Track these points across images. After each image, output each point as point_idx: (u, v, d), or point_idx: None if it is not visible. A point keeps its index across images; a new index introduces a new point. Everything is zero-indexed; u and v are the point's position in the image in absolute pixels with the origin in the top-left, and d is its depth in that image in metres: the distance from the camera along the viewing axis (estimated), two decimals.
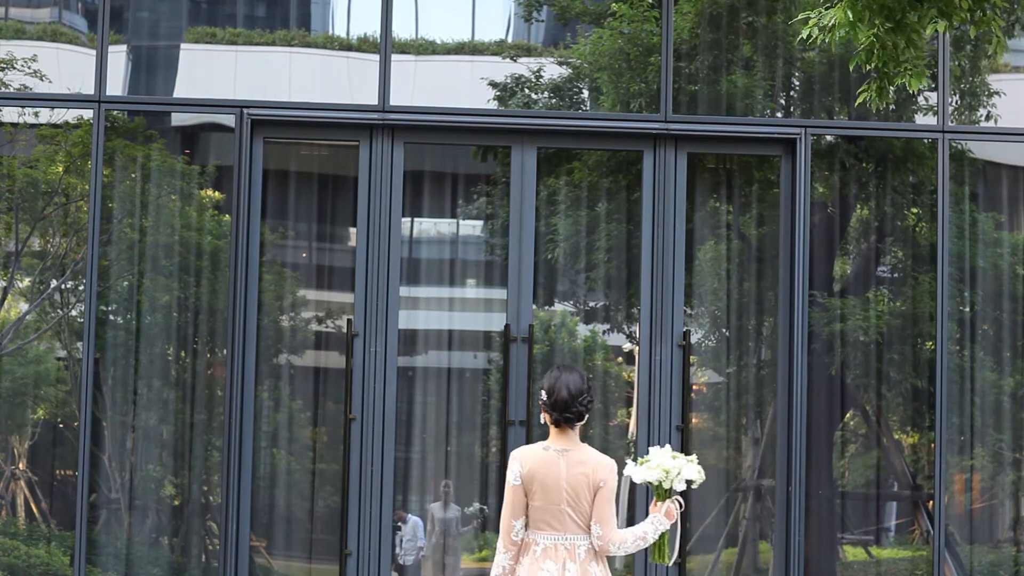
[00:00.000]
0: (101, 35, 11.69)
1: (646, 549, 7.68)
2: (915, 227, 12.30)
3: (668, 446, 7.67)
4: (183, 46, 12.10)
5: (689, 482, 7.50)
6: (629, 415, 12.11)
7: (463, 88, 12.19)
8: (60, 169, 11.79)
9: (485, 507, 12.08)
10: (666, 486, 7.51)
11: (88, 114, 11.63)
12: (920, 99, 12.25)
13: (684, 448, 11.79)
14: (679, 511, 7.57)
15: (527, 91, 12.16)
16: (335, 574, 11.63)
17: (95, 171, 11.55)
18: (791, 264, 11.90)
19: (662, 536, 7.53)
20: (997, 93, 12.33)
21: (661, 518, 7.49)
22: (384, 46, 11.87)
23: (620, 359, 12.27)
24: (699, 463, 7.56)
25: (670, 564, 7.67)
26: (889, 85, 8.71)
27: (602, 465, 7.40)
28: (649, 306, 11.91)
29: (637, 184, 12.09)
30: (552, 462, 7.42)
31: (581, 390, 7.48)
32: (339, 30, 12.24)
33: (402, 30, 12.00)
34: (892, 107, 12.16)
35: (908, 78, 8.58)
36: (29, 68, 11.75)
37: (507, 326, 11.83)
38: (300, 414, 11.95)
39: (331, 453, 11.87)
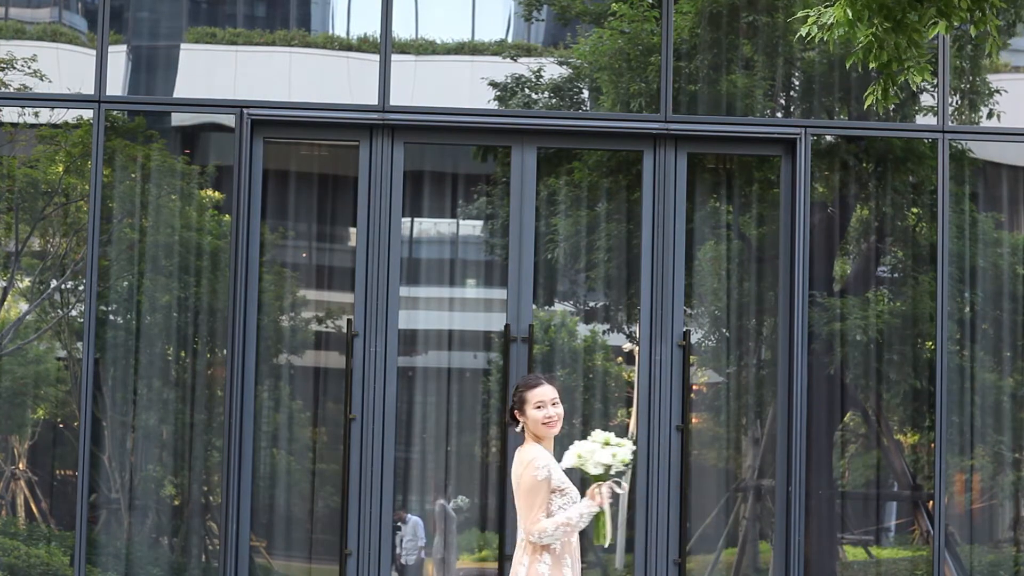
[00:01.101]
0: (101, 35, 11.69)
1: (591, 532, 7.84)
2: (915, 227, 12.30)
3: (598, 431, 7.80)
4: (183, 46, 12.10)
5: (607, 466, 7.63)
6: (629, 415, 12.11)
7: (463, 88, 12.20)
8: (60, 169, 11.79)
9: (467, 499, 12.04)
10: (590, 471, 7.66)
11: (88, 114, 11.64)
12: (921, 99, 12.25)
13: (684, 448, 11.80)
14: (611, 496, 7.68)
15: (527, 91, 12.16)
16: (335, 574, 11.63)
17: (95, 171, 11.56)
18: (791, 264, 11.90)
19: (598, 519, 7.68)
20: (998, 91, 12.33)
21: (588, 502, 7.67)
22: (384, 46, 11.87)
23: (620, 359, 12.27)
24: (630, 447, 7.65)
25: (605, 545, 7.84)
26: (893, 84, 8.71)
27: (520, 462, 7.71)
28: (649, 306, 11.91)
29: (637, 184, 12.09)
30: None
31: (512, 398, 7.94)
32: (339, 30, 12.24)
33: (402, 30, 12.00)
34: (893, 107, 12.16)
35: (911, 74, 8.58)
36: (29, 68, 11.75)
37: (507, 326, 11.83)
38: (300, 414, 11.95)
39: (331, 453, 11.86)
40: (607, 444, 7.71)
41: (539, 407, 7.83)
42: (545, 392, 7.83)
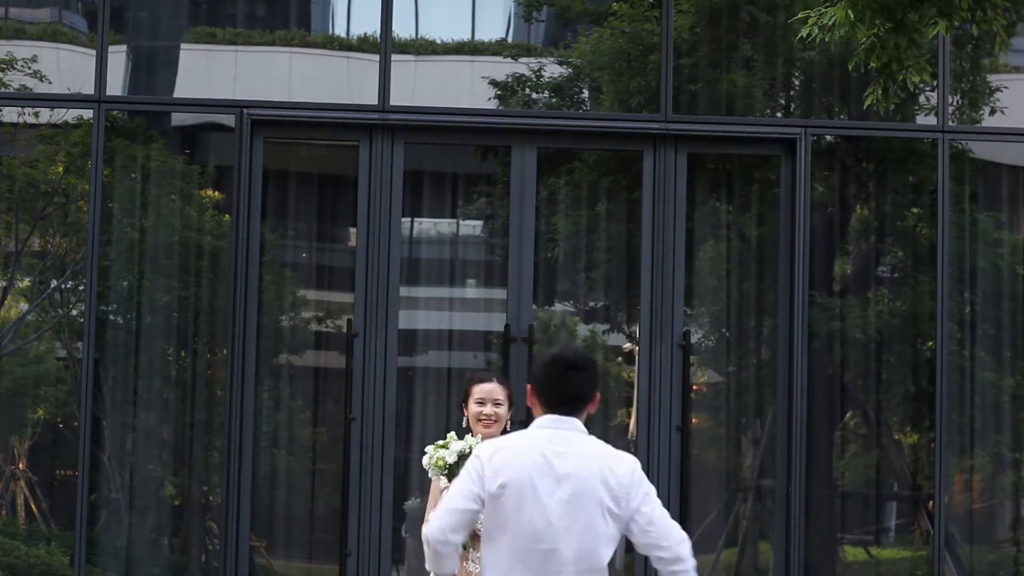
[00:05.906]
0: (101, 35, 11.69)
1: None
2: (915, 227, 12.30)
3: (453, 434, 7.62)
4: (183, 46, 12.10)
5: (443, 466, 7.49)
6: (629, 415, 12.10)
7: (463, 88, 12.19)
8: (60, 169, 11.78)
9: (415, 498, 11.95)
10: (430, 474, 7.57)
11: (88, 114, 11.63)
12: (921, 99, 12.24)
13: (684, 448, 11.80)
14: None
15: (527, 91, 12.16)
16: (335, 574, 11.63)
17: (95, 171, 11.55)
18: (791, 264, 11.89)
19: None
20: (999, 88, 12.32)
21: None
22: (384, 46, 11.86)
23: (620, 359, 12.27)
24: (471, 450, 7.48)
25: None
26: (894, 84, 8.71)
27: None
28: (649, 306, 11.90)
29: (637, 184, 12.09)
30: None
31: None
32: (339, 30, 12.24)
33: (402, 30, 11.99)
34: (893, 107, 12.15)
35: (911, 74, 8.59)
36: (29, 68, 11.75)
37: (507, 326, 11.83)
38: (300, 414, 11.95)
39: (331, 453, 11.86)
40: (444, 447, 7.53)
41: (480, 403, 7.62)
42: (489, 389, 7.58)
